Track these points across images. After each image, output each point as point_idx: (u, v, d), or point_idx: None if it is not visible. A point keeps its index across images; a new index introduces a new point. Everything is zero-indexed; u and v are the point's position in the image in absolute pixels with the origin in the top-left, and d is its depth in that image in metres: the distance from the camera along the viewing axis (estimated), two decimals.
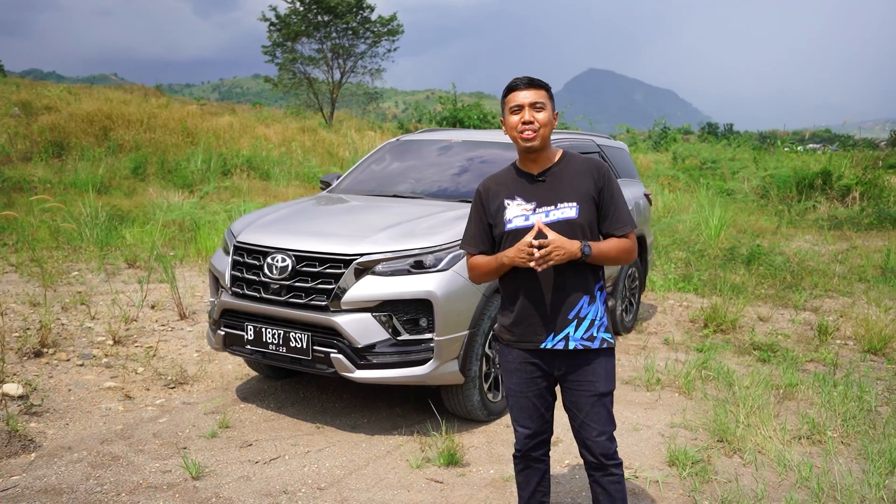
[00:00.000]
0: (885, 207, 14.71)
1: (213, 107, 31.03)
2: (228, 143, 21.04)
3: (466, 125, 27.30)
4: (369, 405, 4.91)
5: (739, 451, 4.28)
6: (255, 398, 4.98)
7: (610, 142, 6.99)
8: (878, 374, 5.71)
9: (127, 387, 5.06)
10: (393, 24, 29.75)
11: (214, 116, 25.50)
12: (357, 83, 31.65)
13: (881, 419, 4.73)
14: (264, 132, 23.31)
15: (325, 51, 29.41)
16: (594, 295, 2.77)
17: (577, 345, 2.73)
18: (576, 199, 2.72)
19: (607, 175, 2.79)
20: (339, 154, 21.64)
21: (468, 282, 4.27)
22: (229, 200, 14.17)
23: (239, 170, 18.36)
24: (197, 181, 16.57)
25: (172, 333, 6.33)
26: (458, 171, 5.51)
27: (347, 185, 5.77)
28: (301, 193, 15.99)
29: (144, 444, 4.18)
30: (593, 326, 2.74)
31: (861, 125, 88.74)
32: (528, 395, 2.85)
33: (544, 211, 2.72)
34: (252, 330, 4.37)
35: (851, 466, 4.07)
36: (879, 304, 7.97)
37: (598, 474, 2.85)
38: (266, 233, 4.56)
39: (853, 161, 17.96)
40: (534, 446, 2.94)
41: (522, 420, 2.90)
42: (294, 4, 28.71)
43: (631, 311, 6.91)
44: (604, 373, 2.77)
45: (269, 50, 29.52)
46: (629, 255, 2.80)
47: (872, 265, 10.24)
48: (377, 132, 25.12)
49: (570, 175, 2.77)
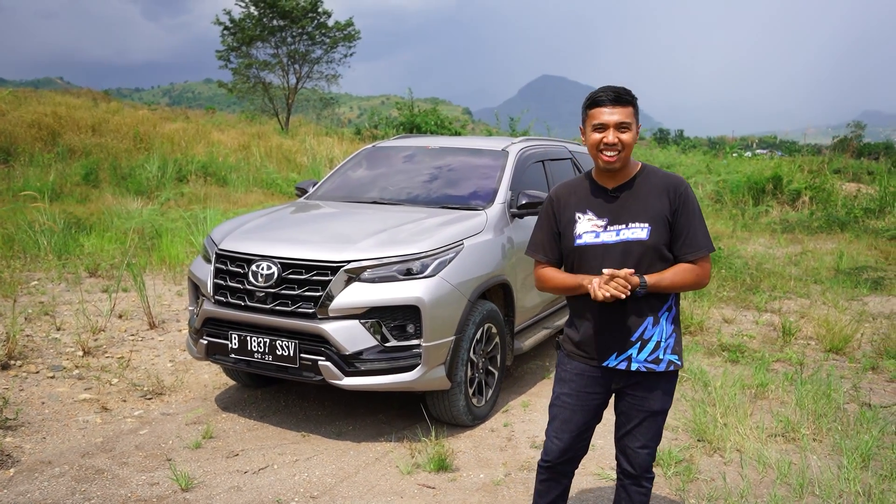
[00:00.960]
0: (832, 211, 15.21)
1: (166, 112, 30.45)
2: (183, 149, 20.69)
3: (423, 131, 27.35)
4: (352, 412, 4.89)
5: (719, 450, 4.39)
6: (237, 408, 4.93)
7: (581, 148, 7.10)
8: (842, 372, 5.91)
9: (103, 398, 4.95)
10: (349, 29, 29.66)
11: (167, 122, 25.06)
12: (312, 88, 31.43)
13: (849, 416, 4.90)
14: (219, 137, 22.99)
15: (280, 56, 29.14)
16: (659, 317, 2.69)
17: (640, 367, 2.69)
18: (648, 219, 2.64)
19: (685, 194, 2.68)
20: (297, 160, 21.45)
21: (454, 288, 4.32)
22: (188, 207, 13.94)
23: (195, 176, 18.08)
24: (152, 188, 16.27)
25: (143, 343, 6.21)
26: (437, 178, 5.54)
27: (325, 191, 5.75)
28: (261, 200, 15.84)
29: (128, 457, 4.10)
30: (659, 349, 2.69)
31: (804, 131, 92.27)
32: (573, 407, 2.81)
33: (615, 229, 2.65)
34: (236, 339, 4.33)
35: (827, 462, 4.22)
36: (836, 304, 8.26)
37: (628, 482, 2.87)
38: (249, 240, 4.52)
39: (801, 166, 18.53)
40: (565, 461, 2.89)
41: (561, 432, 2.84)
42: (249, 9, 28.39)
43: None
44: (662, 393, 2.75)
45: (224, 54, 29.10)
46: (696, 282, 2.68)
47: (826, 267, 10.59)
48: (335, 138, 24.97)
49: (646, 193, 2.68)
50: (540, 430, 4.67)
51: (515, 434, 4.60)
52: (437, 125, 28.25)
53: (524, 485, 3.92)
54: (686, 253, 2.66)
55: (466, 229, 4.65)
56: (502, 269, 4.83)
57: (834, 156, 24.57)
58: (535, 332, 5.53)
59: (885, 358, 6.26)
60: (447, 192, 5.35)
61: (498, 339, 4.84)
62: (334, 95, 33.84)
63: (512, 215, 5.12)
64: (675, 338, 2.73)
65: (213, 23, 28.71)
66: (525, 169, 5.60)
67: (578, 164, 6.74)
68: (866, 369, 6.06)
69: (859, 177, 26.21)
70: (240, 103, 34.82)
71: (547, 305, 5.78)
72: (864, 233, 13.68)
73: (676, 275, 2.64)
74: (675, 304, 2.76)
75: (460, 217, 4.84)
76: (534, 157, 5.85)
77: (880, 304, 8.55)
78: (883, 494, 3.76)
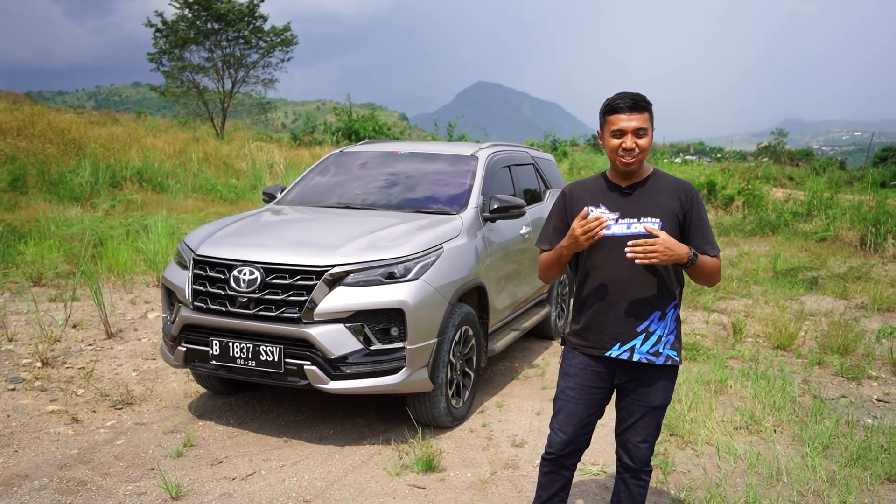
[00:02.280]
0: (764, 215, 15.90)
1: (94, 116, 29.48)
2: (116, 154, 20.10)
3: (362, 136, 27.32)
4: (330, 417, 4.90)
5: (691, 443, 4.58)
6: (213, 415, 4.87)
7: (540, 153, 7.27)
8: (792, 367, 6.22)
9: (71, 409, 4.82)
10: (287, 34, 29.34)
11: (97, 126, 24.30)
12: (247, 93, 30.95)
13: (804, 408, 5.18)
14: (153, 143, 22.42)
15: (215, 59, 28.59)
16: (665, 312, 2.81)
17: (641, 358, 2.80)
18: (660, 215, 2.75)
19: (696, 198, 2.82)
20: (236, 166, 21.10)
21: (436, 291, 4.39)
22: (127, 214, 13.58)
23: (130, 182, 17.60)
24: (86, 194, 15.77)
25: (103, 353, 6.05)
26: (409, 183, 5.60)
27: (294, 197, 5.73)
28: (201, 206, 15.52)
29: (108, 468, 4.01)
30: (660, 343, 2.80)
31: (730, 139, 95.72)
32: (577, 400, 2.90)
33: (626, 223, 2.75)
34: (217, 345, 4.29)
35: (789, 452, 4.45)
36: (777, 304, 8.66)
37: (628, 476, 2.98)
38: (228, 245, 4.48)
39: (733, 173, 19.32)
40: (568, 454, 2.97)
41: (564, 425, 2.93)
42: (182, 11, 27.79)
43: (563, 316, 7.19)
44: (662, 388, 2.86)
45: (156, 57, 28.37)
46: (716, 276, 2.84)
47: (763, 268, 11.08)
48: (274, 143, 24.66)
49: (658, 192, 2.81)
50: (517, 430, 4.78)
51: (494, 434, 4.69)
52: (375, 131, 28.26)
53: (511, 482, 4.01)
54: (707, 249, 2.79)
55: (444, 233, 4.73)
56: (477, 272, 4.92)
57: (763, 163, 25.60)
58: (505, 334, 5.64)
59: (830, 353, 6.61)
60: (420, 196, 5.41)
61: (474, 340, 4.93)
62: (270, 100, 33.41)
63: (484, 219, 5.22)
64: (675, 335, 2.85)
65: (144, 24, 28.00)
66: (494, 174, 5.71)
67: (540, 170, 6.91)
68: (813, 364, 6.39)
69: (782, 182, 27.40)
70: (171, 107, 33.98)
71: (517, 307, 5.90)
72: (794, 235, 14.36)
73: (710, 263, 2.78)
74: (679, 302, 2.89)
75: (437, 221, 4.91)
76: (501, 161, 5.97)
77: (816, 302, 9.00)
78: (847, 480, 4.00)
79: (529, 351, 6.63)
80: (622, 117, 2.72)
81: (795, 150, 41.08)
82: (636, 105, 2.72)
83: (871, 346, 6.89)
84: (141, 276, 8.98)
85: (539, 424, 4.86)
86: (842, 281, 10.15)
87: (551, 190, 7.05)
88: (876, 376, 6.17)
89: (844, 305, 8.94)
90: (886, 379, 6.15)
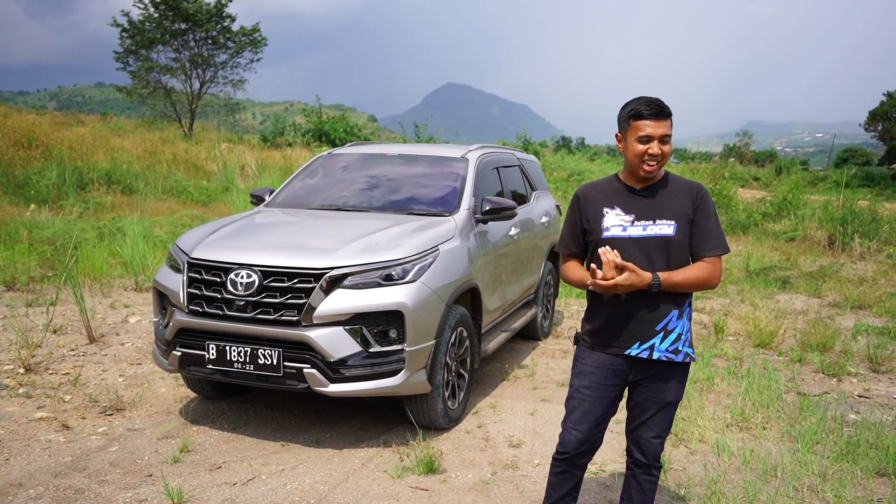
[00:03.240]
0: (734, 215, 16.17)
1: (58, 116, 28.87)
2: (83, 156, 19.75)
3: (332, 138, 27.14)
4: (325, 420, 4.87)
5: (685, 441, 4.65)
6: (206, 420, 4.81)
7: (525, 155, 7.31)
8: (775, 365, 6.34)
9: (60, 416, 4.73)
10: (256, 34, 29.04)
11: (62, 127, 23.83)
12: (214, 94, 30.55)
13: (790, 405, 5.29)
14: (121, 144, 22.06)
15: (183, 60, 28.17)
16: (682, 311, 2.85)
17: (661, 356, 2.82)
18: (675, 217, 2.80)
19: (705, 197, 2.86)
20: (207, 167, 20.84)
21: (434, 292, 4.39)
22: (99, 217, 13.34)
23: (98, 184, 17.31)
24: (53, 196, 15.46)
25: (86, 358, 5.94)
26: (400, 185, 5.59)
27: (284, 199, 5.68)
28: (174, 208, 15.31)
29: (105, 475, 3.94)
30: (679, 341, 2.83)
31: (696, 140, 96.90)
32: (593, 399, 2.92)
33: (642, 224, 2.81)
34: (214, 349, 4.24)
35: (780, 448, 4.54)
36: (753, 303, 8.82)
37: (639, 471, 3.01)
38: (224, 248, 4.44)
39: (701, 174, 19.60)
40: (582, 453, 2.98)
41: (579, 423, 2.94)
42: (148, 10, 27.35)
43: (548, 317, 7.24)
44: (677, 384, 2.89)
45: (122, 57, 27.86)
46: (707, 280, 2.81)
47: (736, 268, 11.28)
48: (245, 145, 24.41)
49: (671, 194, 2.85)
50: (513, 430, 4.80)
51: (491, 435, 4.71)
52: (346, 132, 28.09)
53: (512, 482, 4.03)
54: (702, 249, 2.81)
55: (439, 235, 4.73)
56: (471, 273, 4.93)
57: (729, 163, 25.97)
58: (496, 335, 5.66)
59: (810, 351, 6.76)
60: (412, 198, 5.40)
61: (468, 342, 4.94)
62: (238, 101, 33.04)
63: (476, 221, 5.24)
64: (691, 332, 2.91)
65: (109, 24, 27.46)
66: (484, 175, 5.74)
67: (525, 171, 6.95)
68: (794, 362, 6.53)
69: (748, 182, 27.88)
70: (136, 108, 33.41)
71: (506, 308, 5.92)
72: (764, 235, 14.63)
73: (689, 271, 2.78)
74: (691, 300, 2.94)
75: (431, 223, 4.92)
76: (490, 163, 5.99)
77: (790, 301, 9.19)
78: (839, 475, 4.09)
79: (517, 352, 6.66)
80: (649, 123, 2.75)
81: (759, 151, 41.84)
82: (662, 112, 2.76)
83: (849, 344, 7.06)
84: (118, 280, 8.83)
85: (534, 425, 4.89)
86: (813, 280, 10.38)
87: (537, 191, 7.10)
88: (855, 373, 6.32)
89: (818, 304, 9.15)
90: (865, 375, 6.30)
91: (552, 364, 6.30)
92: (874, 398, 5.71)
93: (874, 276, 11.01)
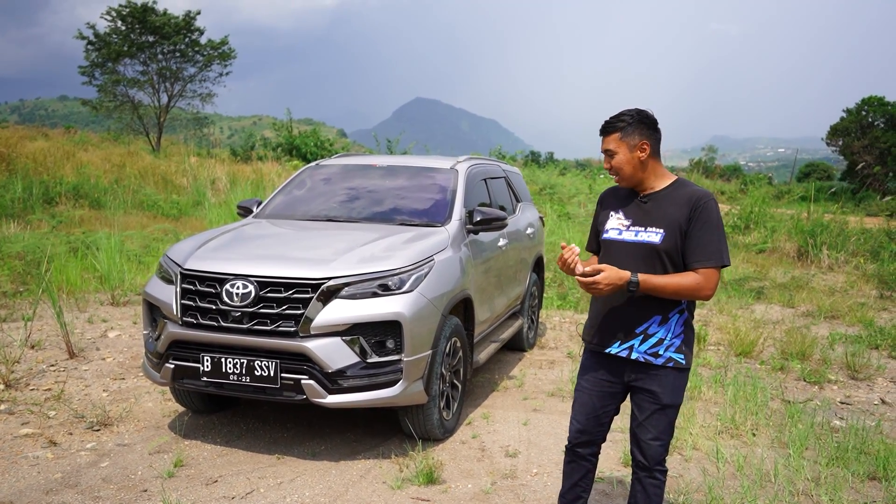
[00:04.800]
0: None
1: (21, 130, 28.31)
2: (49, 170, 19.40)
3: (304, 152, 27.01)
4: (319, 432, 4.82)
5: (678, 448, 4.69)
6: (198, 434, 4.73)
7: (510, 167, 7.35)
8: (758, 373, 6.44)
9: (46, 432, 4.61)
10: (224, 47, 28.87)
11: (26, 140, 23.39)
12: (181, 108, 30.26)
13: (776, 412, 5.37)
14: (88, 158, 21.71)
15: (150, 73, 27.89)
16: (668, 317, 2.91)
17: (639, 357, 2.93)
18: (664, 226, 2.87)
19: (706, 206, 2.84)
20: (177, 182, 20.57)
21: (430, 302, 4.39)
22: (69, 231, 13.10)
23: (65, 198, 17.01)
24: (18, 211, 15.15)
25: (68, 374, 5.81)
26: (390, 196, 5.58)
27: (273, 210, 5.64)
28: (144, 223, 15.10)
29: (98, 491, 3.85)
30: (661, 345, 2.91)
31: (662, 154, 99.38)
32: (590, 391, 3.10)
33: (635, 230, 2.94)
34: (209, 361, 4.18)
35: (771, 454, 4.61)
36: (731, 313, 8.96)
37: (643, 474, 3.06)
38: (218, 259, 4.38)
39: None
40: (582, 443, 3.14)
41: (577, 414, 3.14)
42: (115, 23, 27.04)
43: (533, 327, 7.27)
44: (670, 387, 2.94)
45: (87, 70, 27.50)
46: (693, 291, 2.81)
47: None
48: (215, 159, 24.17)
49: (670, 202, 2.90)
50: (508, 440, 4.80)
51: (486, 445, 4.70)
52: (317, 146, 27.98)
53: (513, 492, 4.02)
54: (693, 261, 2.83)
55: (434, 245, 4.73)
56: (465, 284, 4.94)
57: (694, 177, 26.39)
58: (486, 346, 5.67)
59: (790, 359, 6.88)
60: (403, 209, 5.40)
61: (461, 352, 4.94)
62: (206, 115, 32.76)
63: (467, 231, 5.25)
64: (682, 338, 2.93)
65: (75, 37, 27.13)
66: (473, 186, 5.76)
67: (511, 183, 6.99)
68: (775, 370, 6.64)
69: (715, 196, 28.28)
70: (102, 122, 32.93)
71: (494, 319, 5.93)
72: (734, 247, 14.85)
73: (672, 277, 2.82)
74: (689, 309, 2.98)
75: (424, 233, 4.91)
76: (478, 174, 6.02)
77: (765, 311, 9.35)
78: (833, 480, 4.16)
79: (504, 363, 6.67)
80: (602, 141, 3.00)
81: (724, 165, 42.60)
82: (605, 129, 2.98)
83: (827, 352, 7.20)
84: (94, 295, 8.66)
85: (528, 435, 4.89)
86: (787, 290, 10.58)
87: (522, 203, 7.14)
88: (835, 380, 6.45)
89: (793, 314, 9.31)
90: (845, 382, 6.43)
91: (540, 374, 6.32)
92: (856, 404, 5.83)
93: (844, 286, 11.26)
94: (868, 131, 37.61)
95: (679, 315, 2.93)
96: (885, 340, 7.71)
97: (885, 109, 37.50)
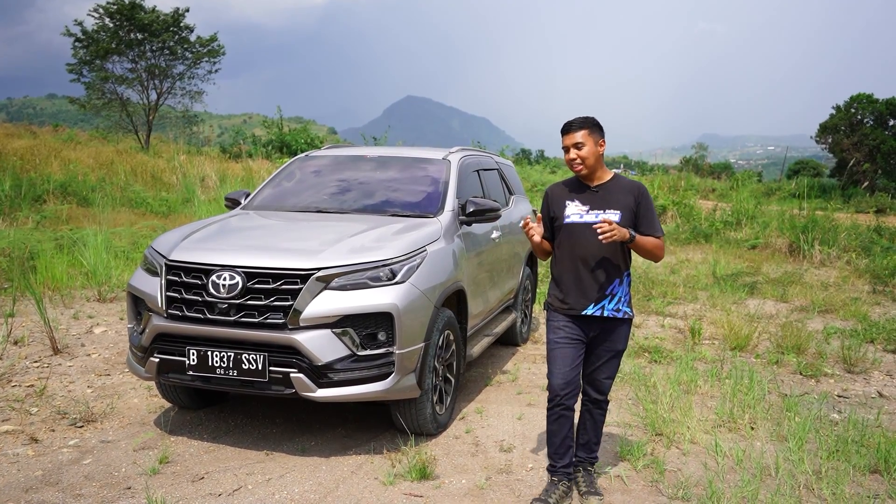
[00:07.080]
0: (696, 224, 16.37)
1: (9, 128, 28.05)
2: (37, 167, 19.19)
3: (294, 150, 26.86)
4: (308, 427, 4.71)
5: (676, 442, 4.61)
6: (184, 430, 4.61)
7: (503, 160, 7.26)
8: (753, 367, 6.36)
9: (27, 429, 4.48)
10: (213, 45, 28.65)
11: (13, 138, 23.18)
12: (170, 106, 30.01)
13: (773, 406, 5.29)
14: (76, 156, 21.49)
15: (139, 70, 27.64)
16: (623, 279, 3.67)
17: (609, 313, 3.64)
18: (619, 208, 3.62)
19: (645, 194, 3.69)
20: (166, 179, 20.38)
21: (423, 294, 4.29)
22: (56, 228, 12.93)
23: (53, 195, 16.81)
24: (6, 208, 14.95)
25: (51, 370, 5.68)
26: (381, 187, 5.47)
27: (262, 202, 5.52)
28: (133, 220, 14.92)
29: (80, 488, 3.73)
30: (621, 302, 3.67)
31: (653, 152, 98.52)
32: (568, 346, 3.66)
33: (595, 213, 3.63)
34: (195, 354, 4.05)
35: (770, 447, 4.53)
36: (724, 308, 8.89)
37: (593, 406, 3.82)
38: (205, 250, 4.26)
39: (662, 185, 19.90)
40: (568, 393, 3.63)
41: (562, 366, 3.64)
42: (103, 20, 26.79)
43: (526, 322, 7.18)
44: (624, 336, 3.74)
45: (76, 68, 27.22)
46: (657, 252, 3.69)
47: (703, 274, 11.38)
48: (205, 156, 23.97)
49: (618, 191, 3.68)
50: (502, 435, 4.71)
51: (480, 440, 4.61)
52: (307, 144, 27.84)
53: (508, 487, 3.93)
54: (652, 231, 3.64)
55: (426, 236, 4.63)
56: (458, 275, 4.84)
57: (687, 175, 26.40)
58: (479, 339, 5.57)
59: (786, 353, 6.81)
60: (394, 200, 5.29)
61: (455, 345, 4.84)
62: (196, 113, 32.50)
63: (460, 223, 5.15)
64: (629, 296, 3.73)
65: (62, 34, 26.84)
66: (466, 177, 5.66)
67: (504, 175, 6.89)
68: (771, 364, 6.57)
69: (705, 193, 28.35)
70: (90, 120, 32.67)
71: (487, 313, 5.84)
72: (726, 243, 14.82)
73: (649, 241, 3.64)
74: (629, 273, 3.75)
75: (417, 224, 4.81)
76: (471, 165, 5.92)
77: (758, 306, 9.28)
78: (834, 473, 4.08)
79: (498, 357, 6.58)
80: (564, 137, 3.66)
81: (714, 163, 42.66)
82: (569, 127, 3.64)
83: (822, 346, 7.14)
84: (80, 291, 8.51)
85: (523, 429, 4.80)
86: (779, 285, 10.53)
87: (515, 196, 7.05)
88: (831, 373, 6.38)
89: (786, 308, 9.25)
90: (841, 376, 6.37)
91: (534, 369, 6.23)
92: (853, 398, 5.76)
93: (836, 281, 11.22)
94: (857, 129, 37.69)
95: (627, 277, 3.72)
96: (879, 334, 7.66)
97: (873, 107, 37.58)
